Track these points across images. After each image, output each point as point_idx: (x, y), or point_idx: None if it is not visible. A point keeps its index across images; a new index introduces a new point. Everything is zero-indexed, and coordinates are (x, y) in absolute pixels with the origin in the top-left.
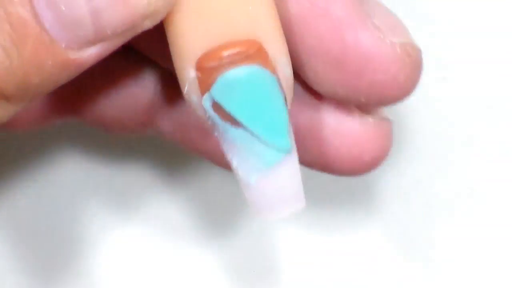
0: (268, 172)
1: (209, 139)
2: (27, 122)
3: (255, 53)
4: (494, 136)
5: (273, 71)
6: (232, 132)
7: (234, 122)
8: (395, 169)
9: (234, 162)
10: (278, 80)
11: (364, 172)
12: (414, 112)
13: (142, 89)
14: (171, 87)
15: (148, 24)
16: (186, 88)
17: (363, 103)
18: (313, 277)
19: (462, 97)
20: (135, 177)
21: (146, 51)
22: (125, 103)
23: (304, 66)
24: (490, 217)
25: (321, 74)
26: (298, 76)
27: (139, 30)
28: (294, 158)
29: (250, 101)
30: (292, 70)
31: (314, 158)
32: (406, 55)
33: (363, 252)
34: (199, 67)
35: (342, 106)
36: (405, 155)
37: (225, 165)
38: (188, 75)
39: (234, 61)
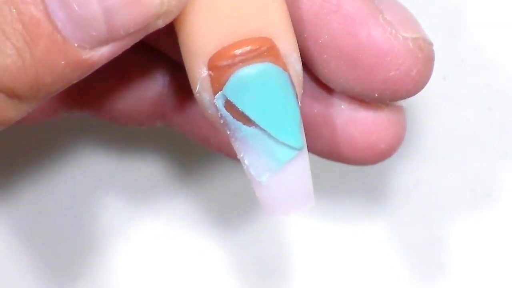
0: (280, 171)
1: (219, 132)
2: (35, 115)
3: (267, 51)
4: (494, 136)
5: (285, 67)
6: (245, 131)
7: (246, 120)
8: (397, 168)
9: (246, 161)
10: (290, 76)
11: (378, 160)
12: (415, 112)
13: (152, 82)
14: (181, 79)
15: (161, 24)
16: (197, 87)
17: (376, 99)
18: (318, 273)
19: (462, 97)
20: (144, 170)
21: (156, 44)
22: (135, 96)
23: (316, 63)
24: (490, 217)
25: (334, 71)
26: (310, 67)
27: (151, 30)
28: (305, 156)
29: (263, 99)
30: (301, 66)
31: (329, 148)
32: (418, 50)
33: (367, 248)
34: (212, 66)
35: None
36: (407, 153)
37: (235, 157)
38: (200, 74)
39: (247, 59)
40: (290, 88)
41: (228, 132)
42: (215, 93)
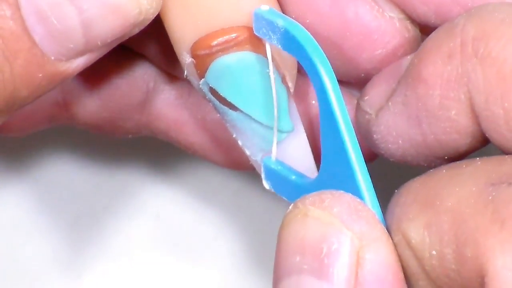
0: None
1: (204, 139)
2: (21, 128)
3: (245, 39)
4: None
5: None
6: (231, 115)
7: (231, 105)
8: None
9: (239, 142)
10: (274, 62)
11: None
12: None
13: (135, 89)
14: (164, 85)
15: (137, 31)
16: (185, 72)
17: (362, 79)
18: None
19: None
20: (130, 178)
21: (138, 49)
22: (118, 104)
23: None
24: None
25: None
26: None
27: (127, 37)
28: (298, 135)
29: (242, 86)
30: None
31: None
32: (405, 30)
33: None
34: (193, 55)
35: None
36: None
37: (220, 162)
38: (185, 61)
39: (226, 48)
40: (273, 73)
41: (219, 115)
42: (200, 79)
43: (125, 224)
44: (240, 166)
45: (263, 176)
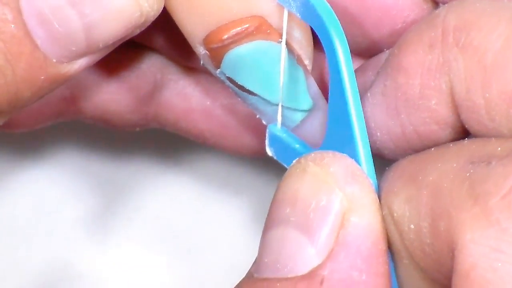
0: (296, 128)
1: (214, 126)
2: (28, 123)
3: (256, 29)
4: None
5: (280, 40)
6: (251, 99)
7: (249, 91)
8: None
9: (263, 121)
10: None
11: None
12: None
13: (142, 81)
14: (172, 75)
15: (138, 31)
16: (201, 62)
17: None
18: None
19: None
20: (131, 178)
21: (144, 41)
22: (126, 97)
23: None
24: None
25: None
26: None
27: (128, 38)
28: (319, 111)
29: (258, 74)
30: (304, 30)
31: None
32: (423, 2)
33: None
34: (207, 48)
35: None
36: None
37: (231, 149)
38: (199, 52)
39: (237, 40)
40: (287, 58)
41: (240, 99)
42: (216, 69)
43: (125, 224)
44: (250, 152)
45: (267, 142)
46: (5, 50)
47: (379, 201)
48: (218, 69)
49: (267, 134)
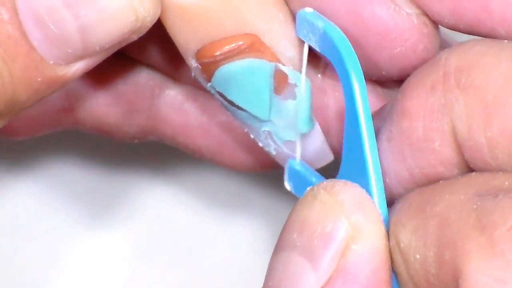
0: (283, 145)
1: (211, 141)
2: (26, 131)
3: (248, 47)
4: None
5: (272, 58)
6: (240, 114)
7: (239, 107)
8: None
9: (251, 136)
10: (277, 66)
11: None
12: None
13: (140, 95)
14: (170, 90)
15: (135, 37)
16: (193, 74)
17: (383, 76)
18: None
19: None
20: (131, 178)
21: (142, 58)
22: (124, 110)
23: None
24: None
25: None
26: None
27: (125, 43)
28: (316, 129)
29: (248, 91)
30: (297, 50)
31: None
32: (423, 26)
33: None
34: (199, 61)
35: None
36: None
37: (228, 164)
38: (191, 65)
39: (229, 56)
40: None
41: (229, 113)
42: (207, 82)
43: (125, 225)
44: (248, 167)
45: (285, 177)
46: (1, 51)
47: (389, 231)
48: (209, 83)
49: (286, 169)
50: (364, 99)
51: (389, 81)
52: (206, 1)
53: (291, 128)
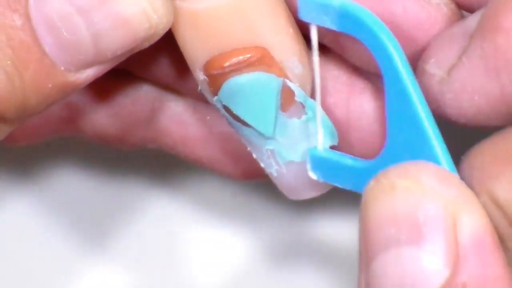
0: (285, 166)
1: (211, 150)
2: (27, 138)
3: (258, 60)
4: None
5: (280, 73)
6: (244, 131)
7: (243, 122)
8: None
9: (254, 155)
10: (285, 82)
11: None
12: None
13: (140, 107)
14: (169, 102)
15: (147, 45)
16: (199, 87)
17: (419, 67)
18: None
19: None
20: (131, 182)
21: (142, 74)
22: (124, 121)
23: (353, 51)
24: None
25: None
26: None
27: (137, 50)
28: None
29: (255, 105)
30: (306, 66)
31: None
32: (452, 13)
33: None
34: (206, 74)
35: None
36: None
37: (229, 174)
38: (198, 78)
39: (238, 68)
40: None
41: (233, 129)
42: (213, 96)
43: (125, 228)
44: (249, 177)
45: (309, 167)
46: (13, 56)
47: (474, 189)
48: (215, 97)
49: (308, 159)
50: (405, 64)
51: None
52: (218, 6)
53: (294, 148)
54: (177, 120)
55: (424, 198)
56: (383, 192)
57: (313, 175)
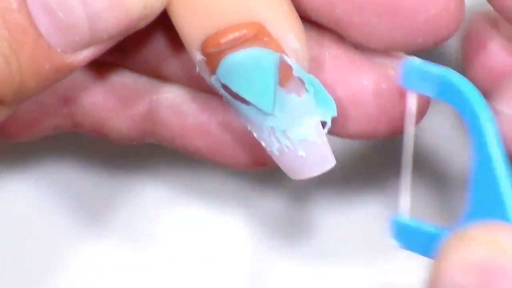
0: (301, 144)
1: (211, 142)
2: (26, 133)
3: (254, 36)
4: None
5: (278, 49)
6: (244, 109)
7: (243, 100)
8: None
9: (254, 135)
10: (282, 57)
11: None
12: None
13: (138, 100)
14: (168, 94)
15: (142, 25)
16: (197, 69)
17: (420, 44)
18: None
19: None
20: (130, 177)
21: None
22: (122, 115)
23: (354, 27)
24: None
25: (376, 26)
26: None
27: (133, 31)
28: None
29: (253, 82)
30: (303, 42)
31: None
32: None
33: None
34: (203, 53)
35: None
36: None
37: (229, 164)
38: (195, 58)
39: (234, 45)
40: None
41: (232, 109)
42: (211, 75)
43: (124, 224)
44: (247, 167)
45: (391, 236)
46: (10, 38)
47: None
48: (213, 76)
49: (391, 227)
50: (497, 139)
51: (425, 50)
52: None
53: (295, 124)
54: (175, 111)
55: (498, 253)
56: (460, 241)
57: (394, 243)
